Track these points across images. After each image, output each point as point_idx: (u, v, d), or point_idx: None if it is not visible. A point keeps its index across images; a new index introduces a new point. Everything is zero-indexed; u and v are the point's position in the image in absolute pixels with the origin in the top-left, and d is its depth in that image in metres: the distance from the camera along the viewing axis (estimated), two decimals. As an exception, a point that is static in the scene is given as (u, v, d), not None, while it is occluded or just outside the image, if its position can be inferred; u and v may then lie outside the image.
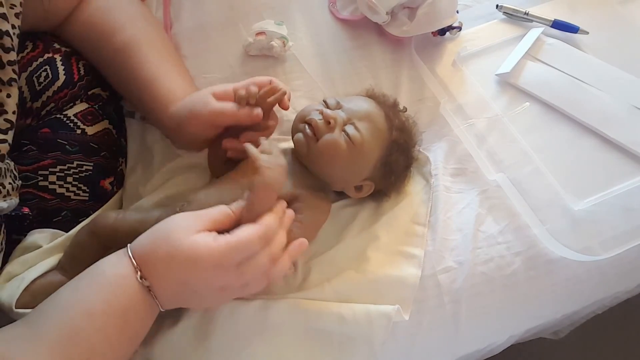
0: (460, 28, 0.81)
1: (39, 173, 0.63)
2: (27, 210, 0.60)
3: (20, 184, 0.60)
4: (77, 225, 0.62)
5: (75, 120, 0.66)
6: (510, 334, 0.69)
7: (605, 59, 0.79)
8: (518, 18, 0.83)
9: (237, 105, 0.58)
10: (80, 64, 0.67)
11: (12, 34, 0.51)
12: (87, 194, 0.65)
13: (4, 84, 0.51)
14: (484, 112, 0.74)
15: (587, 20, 0.81)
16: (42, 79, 0.63)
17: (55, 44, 0.66)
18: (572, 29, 0.81)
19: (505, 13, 0.84)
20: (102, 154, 0.67)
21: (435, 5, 0.75)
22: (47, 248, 0.60)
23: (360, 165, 0.62)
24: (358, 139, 0.60)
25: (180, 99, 0.62)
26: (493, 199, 0.68)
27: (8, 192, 0.54)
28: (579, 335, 0.89)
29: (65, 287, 0.49)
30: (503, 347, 0.72)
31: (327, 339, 0.59)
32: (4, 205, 0.53)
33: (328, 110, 0.60)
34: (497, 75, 0.78)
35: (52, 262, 0.60)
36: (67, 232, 0.62)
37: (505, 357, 0.77)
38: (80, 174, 0.65)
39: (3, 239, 0.58)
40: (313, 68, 0.78)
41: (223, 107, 0.58)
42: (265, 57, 0.78)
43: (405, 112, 0.69)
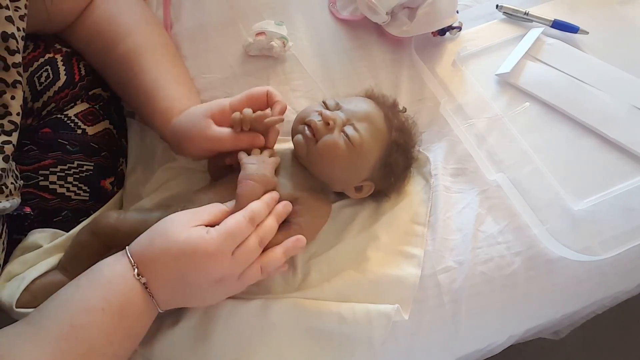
0: (460, 28, 0.81)
1: (40, 173, 0.63)
2: (28, 210, 0.60)
3: (22, 184, 0.60)
4: (77, 225, 0.62)
5: (76, 120, 0.66)
6: (510, 334, 0.69)
7: (605, 59, 0.79)
8: (518, 18, 0.83)
9: (233, 132, 0.59)
10: (81, 64, 0.67)
11: (17, 37, 0.52)
12: (87, 194, 0.65)
13: (9, 86, 0.52)
14: (484, 112, 0.74)
15: (587, 20, 0.81)
16: (43, 79, 0.63)
17: (57, 44, 0.66)
18: (572, 29, 0.81)
19: (505, 13, 0.84)
20: (102, 154, 0.67)
21: (435, 5, 0.75)
22: (47, 248, 0.60)
23: (360, 166, 0.62)
24: (357, 140, 0.60)
25: (181, 112, 0.62)
26: (493, 199, 0.68)
27: (10, 191, 0.55)
28: (579, 335, 0.89)
29: (66, 287, 0.50)
30: (503, 347, 0.72)
31: (327, 339, 0.59)
32: (7, 205, 0.53)
33: (327, 112, 0.60)
34: (497, 75, 0.78)
35: (52, 261, 0.60)
36: (67, 232, 0.62)
37: (505, 357, 0.77)
38: (81, 174, 0.65)
39: (5, 239, 0.58)
40: (313, 68, 0.78)
41: (221, 134, 0.59)
42: (265, 57, 0.78)
43: (405, 112, 0.69)
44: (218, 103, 0.61)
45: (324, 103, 0.63)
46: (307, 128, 0.60)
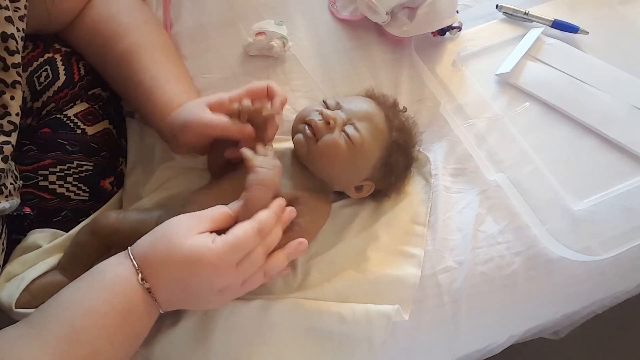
0: (460, 28, 0.81)
1: (39, 173, 0.63)
2: (28, 210, 0.60)
3: (21, 184, 0.60)
4: (77, 225, 0.62)
5: (76, 120, 0.66)
6: (510, 334, 0.69)
7: (605, 59, 0.79)
8: (518, 18, 0.83)
9: (229, 119, 0.58)
10: (81, 64, 0.67)
11: (17, 37, 0.52)
12: (87, 194, 0.65)
13: (8, 87, 0.52)
14: (484, 112, 0.74)
15: (587, 20, 0.81)
16: (42, 79, 0.63)
17: (56, 44, 0.66)
18: (572, 29, 0.81)
19: (505, 13, 0.84)
20: (102, 154, 0.67)
21: (435, 5, 0.75)
22: (47, 248, 0.60)
23: (360, 166, 0.62)
24: (358, 139, 0.60)
25: (179, 107, 0.62)
26: (493, 199, 0.68)
27: (10, 192, 0.55)
28: (579, 335, 0.89)
29: (67, 288, 0.49)
30: (503, 347, 0.72)
31: (327, 339, 0.59)
32: (6, 206, 0.53)
33: (328, 111, 0.60)
34: (497, 75, 0.78)
35: (52, 262, 0.60)
36: (67, 232, 0.62)
37: (505, 357, 0.77)
38: (81, 174, 0.65)
39: (4, 239, 0.58)
40: (313, 68, 0.78)
41: (215, 120, 0.58)
42: (265, 57, 0.78)
43: (405, 112, 0.69)
44: (217, 95, 0.61)
45: (325, 102, 0.63)
46: (307, 127, 0.60)
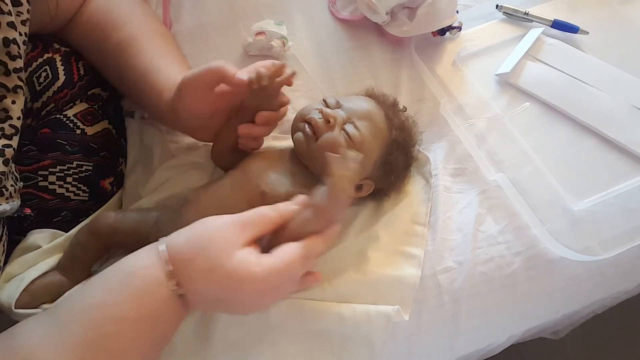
0: (460, 28, 0.81)
1: (39, 173, 0.63)
2: (28, 212, 0.60)
3: (22, 186, 0.60)
4: (77, 226, 0.62)
5: (75, 121, 0.66)
6: (510, 334, 0.69)
7: (605, 59, 0.79)
8: (518, 18, 0.83)
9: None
10: (80, 64, 0.67)
11: (19, 42, 0.51)
12: (87, 194, 0.65)
13: (9, 91, 0.52)
14: (484, 112, 0.74)
15: (587, 20, 0.81)
16: (42, 79, 0.63)
17: (55, 44, 0.66)
18: (572, 29, 0.81)
19: (505, 13, 0.84)
20: (101, 154, 0.67)
21: (435, 5, 0.75)
22: (46, 248, 0.60)
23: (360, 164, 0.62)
24: (357, 138, 0.60)
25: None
26: (493, 199, 0.68)
27: (10, 194, 0.54)
28: (579, 335, 0.90)
29: (94, 285, 0.47)
30: (503, 347, 0.72)
31: (327, 339, 0.59)
32: (7, 208, 0.53)
33: (328, 109, 0.60)
34: (497, 75, 0.78)
35: (51, 262, 0.60)
36: (67, 232, 0.62)
37: (505, 357, 0.77)
38: (80, 174, 0.65)
39: (5, 241, 0.58)
40: (313, 68, 0.78)
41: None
42: (265, 57, 0.77)
43: (405, 111, 0.69)
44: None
45: (325, 101, 0.63)
46: (307, 125, 0.60)
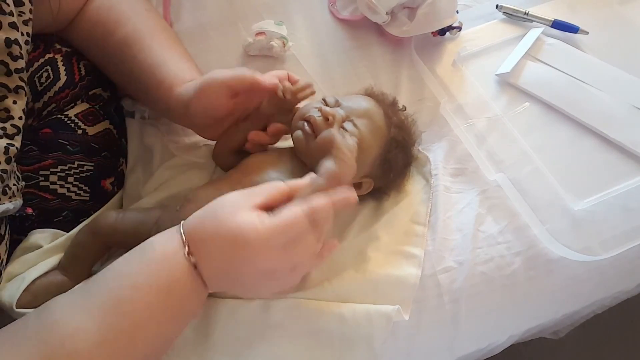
0: (460, 28, 0.81)
1: (40, 173, 0.63)
2: (30, 211, 0.60)
3: (24, 185, 0.60)
4: (78, 225, 0.62)
5: (76, 121, 0.66)
6: (510, 334, 0.69)
7: (605, 59, 0.79)
8: (518, 18, 0.83)
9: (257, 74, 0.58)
10: (81, 64, 0.67)
11: (20, 42, 0.51)
12: (88, 194, 0.65)
13: (10, 91, 0.52)
14: (484, 112, 0.74)
15: (587, 20, 0.81)
16: (43, 80, 0.63)
17: (56, 44, 0.66)
18: (572, 29, 0.81)
19: (505, 13, 0.84)
20: (102, 154, 0.67)
21: (435, 5, 0.75)
22: (47, 248, 0.60)
23: (359, 162, 0.62)
24: (356, 135, 0.60)
25: (187, 82, 0.61)
26: (493, 199, 0.68)
27: (13, 193, 0.55)
28: (579, 335, 0.90)
29: (119, 260, 0.49)
30: (503, 347, 0.72)
31: (327, 339, 0.59)
32: (10, 207, 0.53)
33: (327, 108, 0.60)
34: (497, 75, 0.78)
35: (52, 262, 0.60)
36: (68, 232, 0.62)
37: (505, 357, 0.77)
38: (81, 174, 0.65)
39: (7, 240, 0.58)
40: (313, 68, 0.78)
41: (240, 71, 0.58)
42: (265, 57, 0.78)
43: (404, 110, 0.69)
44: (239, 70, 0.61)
45: (324, 100, 0.63)
46: (306, 124, 0.60)
